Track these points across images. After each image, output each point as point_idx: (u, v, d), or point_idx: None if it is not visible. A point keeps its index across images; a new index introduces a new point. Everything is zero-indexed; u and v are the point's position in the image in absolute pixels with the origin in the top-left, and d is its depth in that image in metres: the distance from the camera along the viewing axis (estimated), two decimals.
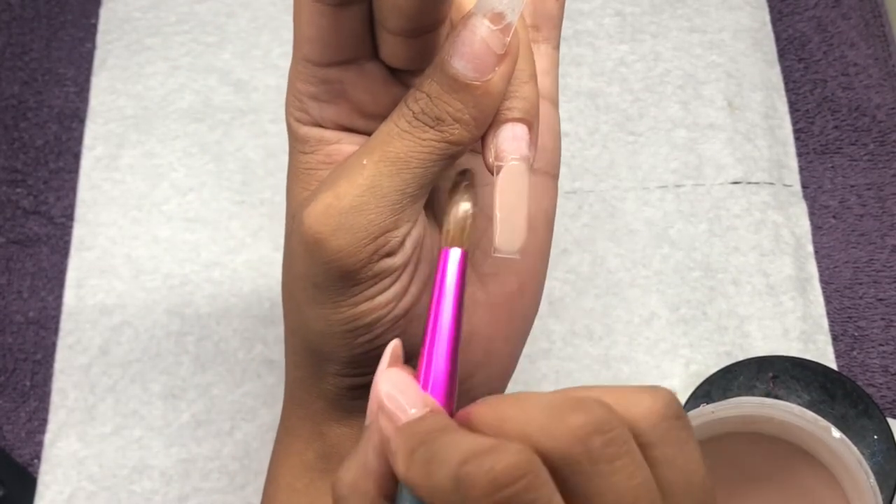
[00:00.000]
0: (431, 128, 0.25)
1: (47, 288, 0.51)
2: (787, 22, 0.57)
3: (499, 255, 0.25)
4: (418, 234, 0.27)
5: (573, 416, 0.21)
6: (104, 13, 0.57)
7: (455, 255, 0.25)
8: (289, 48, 0.56)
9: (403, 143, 0.26)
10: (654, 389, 0.23)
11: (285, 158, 0.53)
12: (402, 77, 0.28)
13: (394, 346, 0.25)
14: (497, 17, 0.24)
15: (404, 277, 0.27)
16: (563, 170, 0.53)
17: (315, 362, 0.29)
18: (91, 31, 0.57)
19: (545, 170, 0.30)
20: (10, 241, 0.52)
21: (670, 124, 0.54)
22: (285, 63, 0.56)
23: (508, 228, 0.25)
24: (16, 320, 0.50)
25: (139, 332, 0.49)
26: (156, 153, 0.53)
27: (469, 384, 0.30)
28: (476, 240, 0.30)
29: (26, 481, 0.47)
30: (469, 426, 0.23)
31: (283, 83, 0.56)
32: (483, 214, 0.29)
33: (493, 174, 0.26)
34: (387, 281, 0.27)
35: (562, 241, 0.51)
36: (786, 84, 0.55)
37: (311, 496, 0.30)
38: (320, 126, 0.29)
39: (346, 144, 0.28)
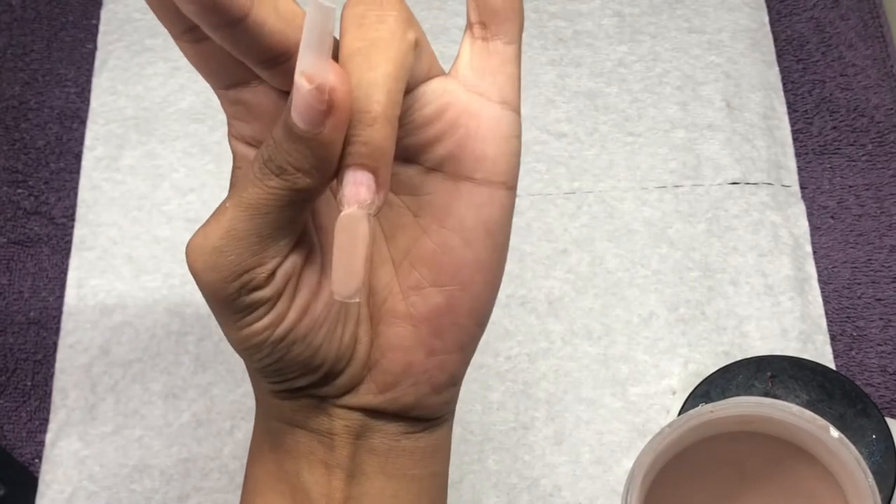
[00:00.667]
0: (277, 176, 0.26)
1: (48, 288, 0.51)
2: (785, 23, 0.57)
3: (338, 300, 0.26)
4: (291, 266, 0.28)
5: None
6: (105, 14, 0.57)
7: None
8: None
9: (255, 189, 0.26)
10: None
11: None
12: None
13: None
14: (309, 78, 0.24)
15: (279, 305, 0.28)
16: (562, 170, 0.53)
17: (249, 369, 0.31)
18: (92, 31, 0.57)
19: (487, 179, 0.29)
20: (11, 242, 0.52)
21: (669, 125, 0.54)
22: None
23: (342, 273, 0.25)
24: (17, 320, 0.51)
25: (140, 331, 0.50)
26: (156, 154, 0.53)
27: (394, 392, 0.30)
28: (405, 248, 0.30)
29: (27, 481, 0.47)
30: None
31: None
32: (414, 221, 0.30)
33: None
34: (260, 311, 0.27)
35: (561, 241, 0.51)
36: (784, 85, 0.56)
37: (268, 484, 0.31)
38: (246, 142, 0.30)
39: None
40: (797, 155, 0.54)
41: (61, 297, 0.51)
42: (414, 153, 0.29)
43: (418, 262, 0.29)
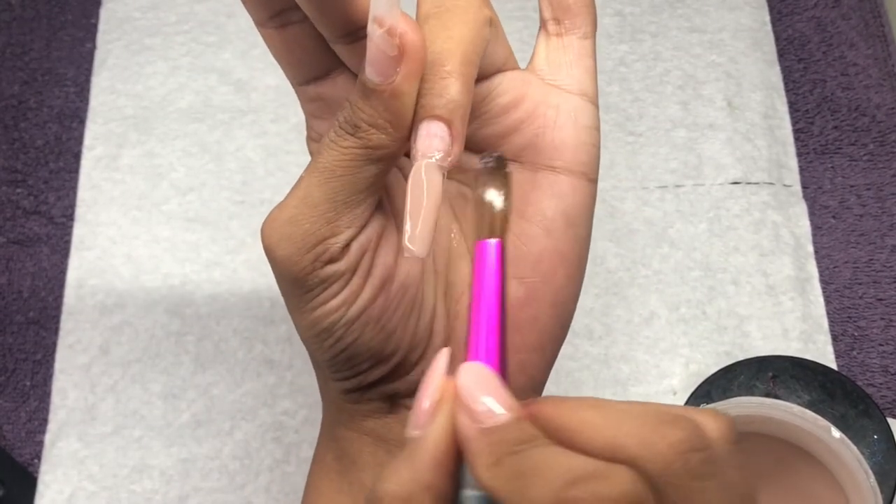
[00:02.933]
0: (351, 135, 0.26)
1: (47, 288, 0.51)
2: (786, 22, 0.57)
3: (407, 255, 0.25)
4: (366, 239, 0.27)
5: (673, 431, 0.21)
6: (104, 13, 0.57)
7: (490, 247, 0.25)
8: None
9: (329, 152, 0.26)
10: (718, 415, 0.23)
11: (285, 158, 0.53)
12: None
13: (446, 353, 0.24)
14: (380, 21, 0.24)
15: (354, 281, 0.27)
16: None
17: (317, 368, 0.30)
18: (91, 31, 0.57)
19: (568, 168, 0.29)
20: (10, 241, 0.52)
21: (670, 124, 0.54)
22: None
23: (412, 228, 0.25)
24: (16, 320, 0.50)
25: (139, 331, 0.49)
26: (156, 153, 0.53)
27: None
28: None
29: (27, 481, 0.47)
30: (536, 424, 0.22)
31: (283, 83, 0.56)
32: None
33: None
34: (335, 286, 0.27)
35: None
36: (785, 84, 0.55)
37: (330, 496, 0.31)
38: None
39: None
40: (798, 154, 0.54)
41: (60, 296, 0.51)
42: (492, 143, 0.29)
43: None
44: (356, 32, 0.26)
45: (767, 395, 0.45)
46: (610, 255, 0.51)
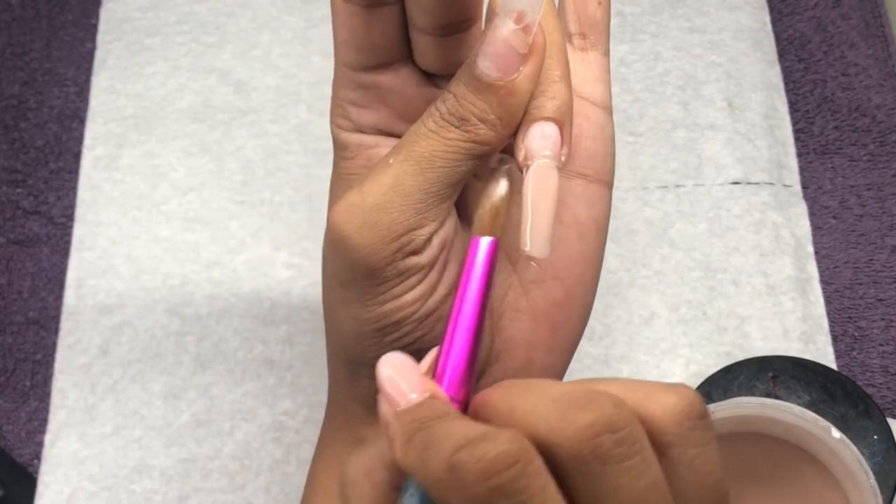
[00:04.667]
0: (457, 128, 0.26)
1: (47, 288, 0.51)
2: (787, 22, 0.57)
3: (527, 256, 0.25)
4: (446, 235, 0.27)
5: (582, 414, 0.21)
6: (104, 13, 0.57)
7: (484, 243, 0.25)
8: (288, 48, 0.56)
9: (429, 142, 0.26)
10: (679, 387, 0.23)
11: (285, 158, 0.53)
12: (438, 81, 0.29)
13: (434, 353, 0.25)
14: (519, 17, 0.24)
15: (432, 276, 0.27)
16: None
17: (350, 365, 0.29)
18: (91, 31, 0.57)
19: (597, 177, 0.30)
20: (10, 242, 0.52)
21: (670, 124, 0.54)
22: (285, 63, 0.56)
23: (536, 229, 0.25)
24: (16, 320, 0.50)
25: (139, 332, 0.49)
26: (156, 153, 0.53)
27: None
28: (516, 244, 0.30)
29: (26, 481, 0.47)
30: (483, 411, 0.23)
31: (283, 83, 0.56)
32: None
33: (523, 175, 0.26)
34: (413, 279, 0.27)
35: None
36: (786, 84, 0.55)
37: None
38: (360, 132, 0.29)
39: (385, 148, 0.28)
40: (799, 155, 0.54)
41: (60, 297, 0.50)
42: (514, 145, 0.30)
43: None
44: (459, 25, 0.26)
45: (767, 395, 0.45)
46: (610, 256, 0.51)
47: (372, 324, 0.27)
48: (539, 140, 0.25)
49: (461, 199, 0.30)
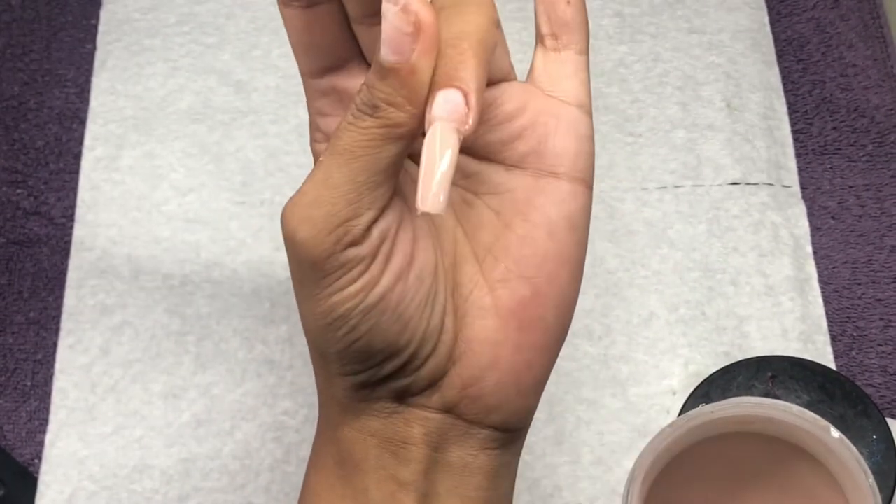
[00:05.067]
0: (370, 116, 0.26)
1: (48, 288, 0.51)
2: (785, 23, 0.57)
3: (420, 213, 0.26)
4: (386, 224, 0.28)
5: None
6: (104, 14, 0.57)
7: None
8: (288, 49, 0.56)
9: (349, 134, 0.27)
10: None
11: (285, 159, 0.53)
12: None
13: None
14: (395, 0, 0.25)
15: (374, 267, 0.27)
16: None
17: (322, 364, 0.30)
18: (91, 32, 0.57)
19: (569, 175, 0.30)
20: (10, 242, 0.52)
21: (669, 125, 0.54)
22: (285, 63, 0.56)
23: (425, 185, 0.25)
24: (16, 320, 0.50)
25: (139, 332, 0.50)
26: (156, 154, 0.53)
27: (478, 388, 0.30)
28: (488, 244, 0.30)
29: (27, 481, 0.47)
30: None
31: (283, 83, 0.56)
32: (497, 216, 0.30)
33: None
34: (355, 271, 0.27)
35: None
36: (784, 85, 0.56)
37: (332, 501, 0.30)
38: None
39: None
40: (797, 155, 0.54)
41: (61, 297, 0.51)
42: (496, 149, 0.30)
43: (503, 253, 0.30)
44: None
45: (766, 395, 0.45)
46: (609, 256, 0.51)
47: (323, 318, 0.28)
48: (442, 105, 0.26)
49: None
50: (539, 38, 0.31)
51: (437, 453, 0.30)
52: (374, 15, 0.27)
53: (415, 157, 0.30)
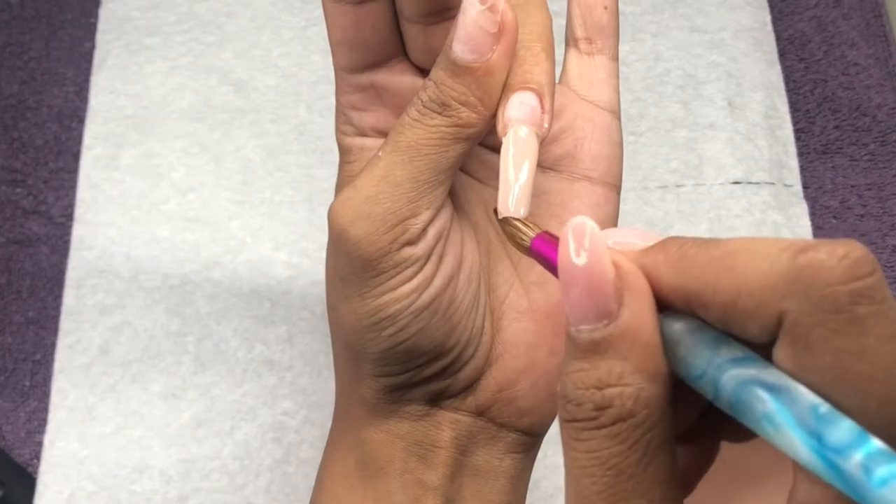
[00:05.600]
0: (439, 114, 0.26)
1: (47, 288, 0.51)
2: (787, 22, 0.57)
3: (502, 218, 0.25)
4: (441, 225, 0.27)
5: (840, 249, 0.18)
6: (104, 13, 0.57)
7: (546, 236, 0.25)
8: (288, 48, 0.56)
9: (414, 131, 0.26)
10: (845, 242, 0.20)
11: (285, 158, 0.53)
12: None
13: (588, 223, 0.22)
14: None
15: (428, 268, 0.27)
16: None
17: (353, 365, 0.29)
18: (90, 30, 0.57)
19: (602, 179, 0.30)
20: (9, 241, 0.52)
21: (671, 124, 0.54)
22: (285, 63, 0.56)
23: (507, 190, 0.25)
24: (15, 320, 0.50)
25: (139, 331, 0.49)
26: (155, 153, 0.53)
27: (512, 392, 0.29)
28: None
29: (26, 481, 0.47)
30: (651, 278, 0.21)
31: (283, 83, 0.56)
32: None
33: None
34: (409, 271, 0.27)
35: None
36: (786, 84, 0.55)
37: (350, 502, 0.30)
38: (363, 135, 0.29)
39: None
40: (799, 154, 0.54)
41: (60, 296, 0.50)
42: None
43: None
44: (444, 12, 0.27)
45: None
46: None
47: (369, 317, 0.27)
48: (517, 108, 0.26)
49: (461, 196, 0.30)
50: (572, 42, 0.31)
51: (464, 457, 0.30)
52: (432, 14, 0.27)
53: None
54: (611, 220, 0.30)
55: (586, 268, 0.20)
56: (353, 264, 0.27)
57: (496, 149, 0.28)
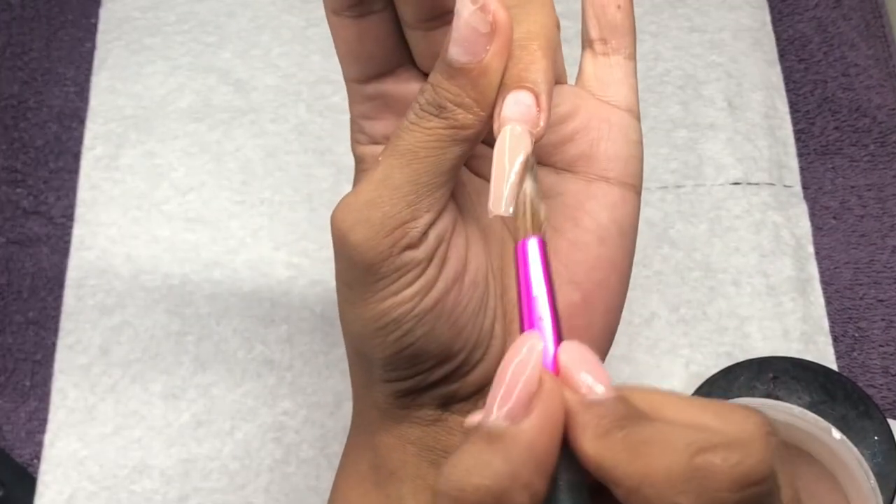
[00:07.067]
0: (436, 116, 0.26)
1: (47, 288, 0.51)
2: (787, 22, 0.57)
3: (491, 216, 0.25)
4: (443, 228, 0.27)
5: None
6: (104, 13, 0.57)
7: (533, 244, 0.25)
8: (288, 48, 0.56)
9: (412, 134, 0.26)
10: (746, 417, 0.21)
11: (285, 158, 0.53)
12: None
13: (536, 338, 0.23)
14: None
15: (430, 271, 0.27)
16: None
17: (364, 370, 0.29)
18: (91, 30, 0.57)
19: (620, 180, 0.30)
20: (10, 241, 0.52)
21: (670, 124, 0.54)
22: (285, 63, 0.56)
23: (498, 189, 0.25)
24: (16, 320, 0.50)
25: (139, 331, 0.49)
26: (156, 153, 0.53)
27: None
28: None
29: (26, 481, 0.47)
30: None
31: (283, 83, 0.56)
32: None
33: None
34: (411, 275, 0.27)
35: None
36: (786, 84, 0.55)
37: (360, 487, 0.30)
38: (376, 143, 0.29)
39: None
40: (799, 155, 0.54)
41: (60, 297, 0.50)
42: (547, 152, 0.30)
43: (553, 258, 0.29)
44: (442, 17, 0.27)
45: (768, 396, 0.45)
46: None
47: (374, 322, 0.27)
48: (512, 106, 0.25)
49: (472, 198, 0.30)
50: (587, 42, 0.31)
51: None
52: (430, 20, 0.27)
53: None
54: (630, 221, 0.30)
55: (518, 366, 0.21)
56: (355, 269, 0.27)
57: None
